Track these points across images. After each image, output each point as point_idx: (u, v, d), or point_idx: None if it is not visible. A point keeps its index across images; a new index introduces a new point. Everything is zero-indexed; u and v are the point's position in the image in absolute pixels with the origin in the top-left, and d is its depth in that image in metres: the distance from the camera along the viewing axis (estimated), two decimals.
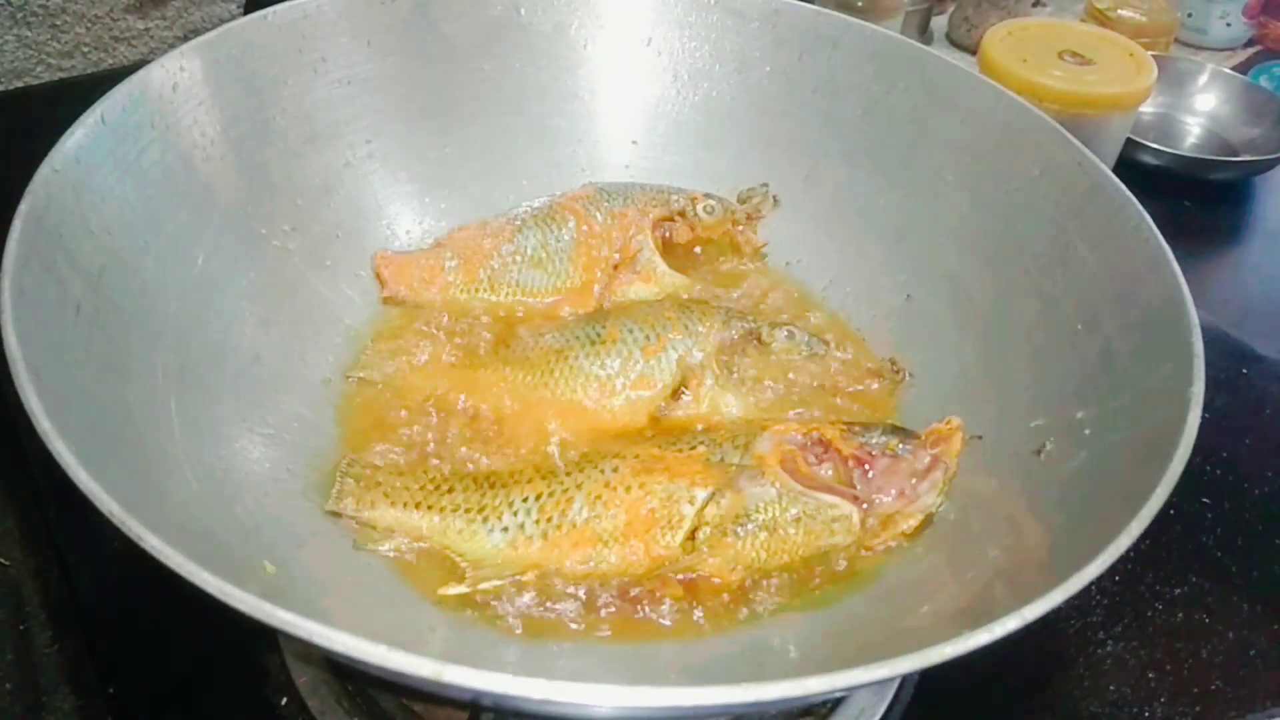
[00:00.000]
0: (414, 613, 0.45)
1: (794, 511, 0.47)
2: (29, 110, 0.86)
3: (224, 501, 0.45)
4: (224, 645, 0.49)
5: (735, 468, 0.48)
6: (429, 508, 0.48)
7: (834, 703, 0.49)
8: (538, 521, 0.47)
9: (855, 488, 0.48)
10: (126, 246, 0.47)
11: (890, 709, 0.50)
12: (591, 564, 0.46)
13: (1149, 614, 0.57)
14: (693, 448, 0.49)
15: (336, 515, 0.49)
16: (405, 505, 0.48)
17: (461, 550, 0.47)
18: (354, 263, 0.61)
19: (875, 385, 0.58)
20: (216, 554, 0.39)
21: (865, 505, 0.48)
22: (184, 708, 0.49)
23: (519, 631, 0.45)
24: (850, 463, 0.48)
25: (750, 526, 0.47)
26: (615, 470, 0.48)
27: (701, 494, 0.47)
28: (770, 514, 0.47)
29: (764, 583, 0.47)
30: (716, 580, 0.47)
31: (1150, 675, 0.54)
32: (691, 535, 0.47)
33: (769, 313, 0.62)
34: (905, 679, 0.51)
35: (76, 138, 0.46)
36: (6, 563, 0.54)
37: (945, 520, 0.49)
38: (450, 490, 0.49)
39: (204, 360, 0.49)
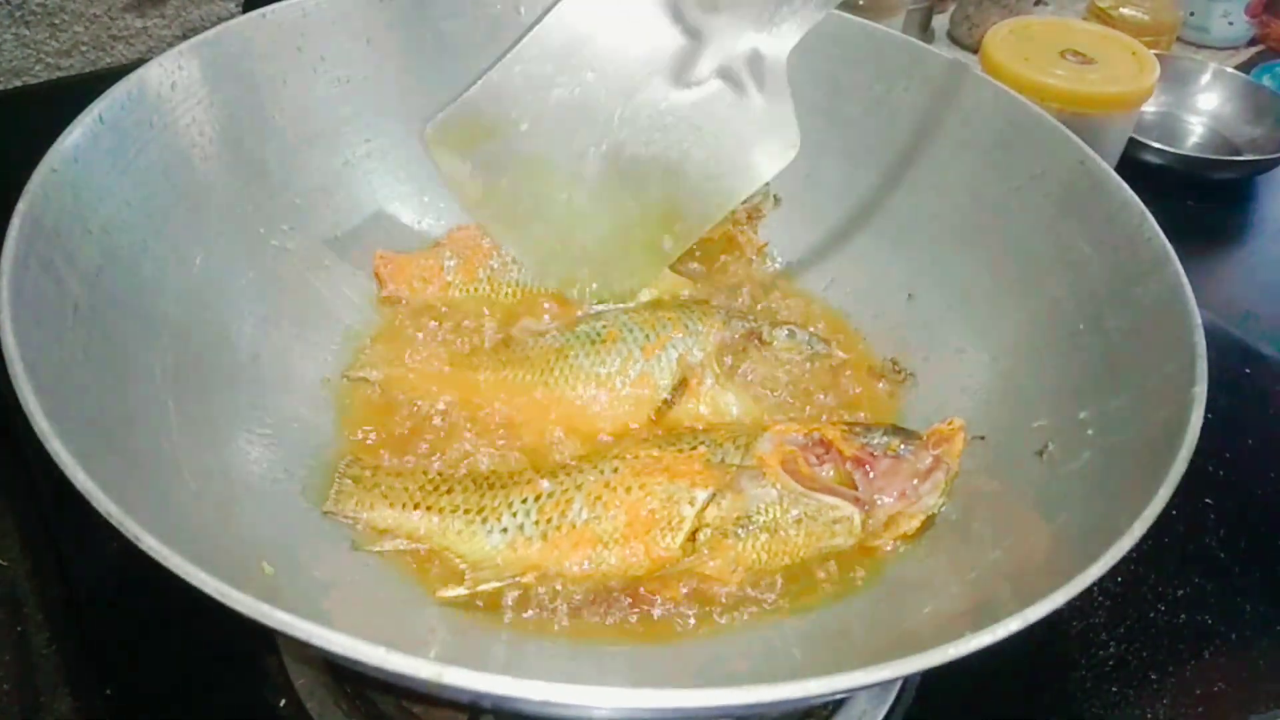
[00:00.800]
0: (413, 614, 0.45)
1: (795, 513, 0.47)
2: (27, 109, 0.86)
3: (222, 502, 0.44)
4: (222, 646, 0.49)
5: (736, 468, 0.48)
6: (428, 508, 0.48)
7: (836, 704, 0.49)
8: (537, 523, 0.47)
9: (857, 489, 0.48)
10: (125, 246, 0.47)
11: (892, 710, 0.50)
12: (591, 565, 0.46)
13: (1151, 615, 0.56)
14: (693, 448, 0.49)
15: (335, 516, 0.48)
16: (404, 506, 0.48)
17: (461, 552, 0.47)
18: (353, 262, 0.61)
19: (877, 385, 0.57)
20: (214, 554, 0.39)
21: (867, 506, 0.47)
22: (182, 709, 0.49)
23: (519, 633, 0.45)
24: (851, 464, 0.48)
25: (751, 528, 0.46)
26: (615, 471, 0.48)
27: (702, 495, 0.47)
28: (771, 515, 0.47)
29: (765, 583, 0.47)
30: (717, 582, 0.46)
31: (1153, 676, 0.53)
32: (692, 537, 0.46)
33: (769, 313, 0.61)
34: (907, 680, 0.51)
35: (75, 137, 0.46)
36: (4, 563, 0.54)
37: (947, 521, 0.49)
38: (449, 491, 0.49)
39: (202, 360, 0.49)
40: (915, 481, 0.48)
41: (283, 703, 0.48)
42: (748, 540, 0.46)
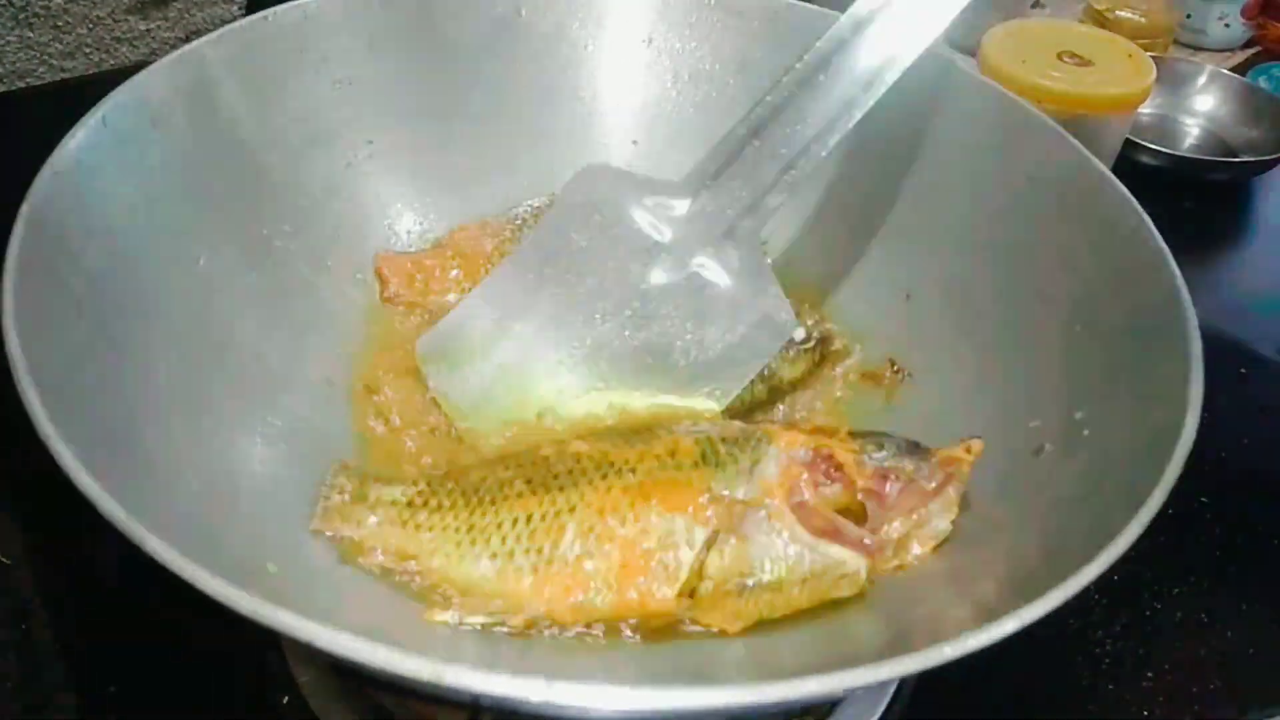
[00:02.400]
0: (414, 614, 0.45)
1: (802, 571, 0.44)
2: (31, 111, 0.86)
3: (226, 503, 0.45)
4: (226, 644, 0.50)
5: (740, 505, 0.45)
6: (417, 526, 0.47)
7: (832, 704, 0.50)
8: (528, 551, 0.45)
9: (866, 514, 0.46)
10: (128, 248, 0.47)
11: (889, 710, 0.50)
12: (583, 606, 0.44)
13: (1147, 614, 0.57)
14: (694, 465, 0.46)
15: (322, 534, 0.47)
16: (393, 523, 0.47)
17: (451, 576, 0.45)
18: (355, 263, 0.61)
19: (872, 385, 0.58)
20: (218, 555, 0.39)
21: (875, 547, 0.45)
22: (186, 706, 0.49)
23: (520, 635, 0.45)
24: (861, 494, 0.46)
25: (754, 585, 0.44)
26: (609, 491, 0.45)
27: (701, 534, 0.44)
28: (776, 574, 0.44)
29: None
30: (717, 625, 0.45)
31: (1149, 675, 0.54)
32: (692, 592, 0.44)
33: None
34: (903, 680, 0.51)
35: (78, 139, 0.46)
36: (8, 561, 0.54)
37: None
38: (439, 508, 0.47)
39: (205, 361, 0.50)
40: (926, 505, 0.46)
41: (285, 700, 0.48)
42: (749, 597, 0.44)
